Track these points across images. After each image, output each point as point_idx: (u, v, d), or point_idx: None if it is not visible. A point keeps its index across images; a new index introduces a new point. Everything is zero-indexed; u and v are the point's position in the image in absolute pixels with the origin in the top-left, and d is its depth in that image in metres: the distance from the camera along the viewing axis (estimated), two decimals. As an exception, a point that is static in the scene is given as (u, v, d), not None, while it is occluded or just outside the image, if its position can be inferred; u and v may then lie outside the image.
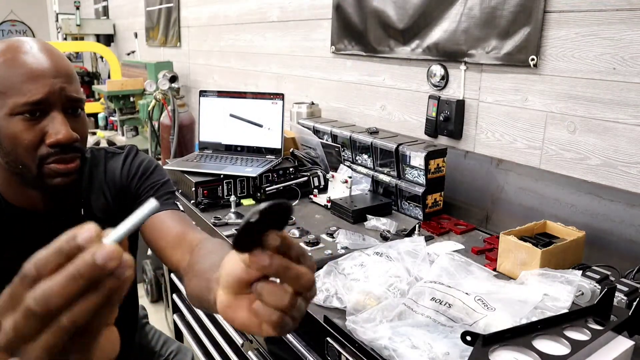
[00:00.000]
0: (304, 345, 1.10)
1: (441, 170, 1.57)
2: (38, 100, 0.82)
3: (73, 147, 0.87)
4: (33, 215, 0.94)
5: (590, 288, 1.04)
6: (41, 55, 0.85)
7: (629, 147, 1.24)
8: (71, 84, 0.87)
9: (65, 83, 0.86)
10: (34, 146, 0.84)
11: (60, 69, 0.85)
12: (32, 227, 0.94)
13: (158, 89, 3.07)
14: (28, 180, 0.89)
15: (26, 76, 0.82)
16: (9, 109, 0.82)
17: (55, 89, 0.84)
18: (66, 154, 0.86)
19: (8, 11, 7.82)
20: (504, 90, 1.52)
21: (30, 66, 0.83)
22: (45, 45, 0.88)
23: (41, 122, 0.84)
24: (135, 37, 4.47)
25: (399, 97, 1.90)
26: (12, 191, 0.93)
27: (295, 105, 2.17)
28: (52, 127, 0.84)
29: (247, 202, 1.69)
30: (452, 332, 0.88)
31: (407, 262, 1.13)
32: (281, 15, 2.53)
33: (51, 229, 0.91)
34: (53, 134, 0.84)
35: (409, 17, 1.77)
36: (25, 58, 0.83)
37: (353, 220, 1.54)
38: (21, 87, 0.82)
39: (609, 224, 1.27)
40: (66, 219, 0.94)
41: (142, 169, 1.07)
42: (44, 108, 0.84)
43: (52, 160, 0.85)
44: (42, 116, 0.84)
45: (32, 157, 0.85)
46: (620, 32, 1.22)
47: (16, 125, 0.83)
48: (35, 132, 0.84)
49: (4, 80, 0.82)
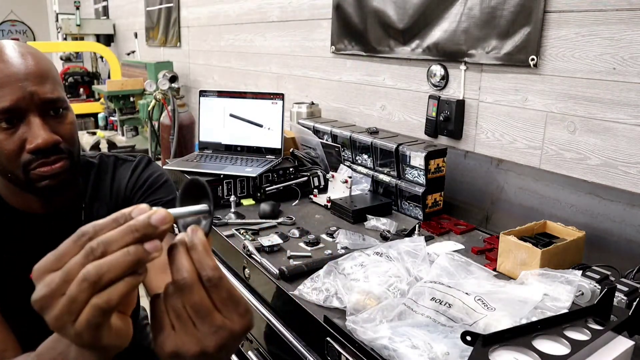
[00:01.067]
0: (304, 345, 1.10)
1: (441, 170, 1.57)
2: (8, 108, 0.79)
3: (56, 149, 0.84)
4: (33, 218, 0.94)
5: (590, 288, 1.04)
6: (8, 60, 0.81)
7: (629, 147, 1.24)
8: (43, 84, 0.82)
9: (37, 85, 0.81)
10: (16, 154, 0.82)
11: (29, 72, 0.81)
12: (32, 229, 0.94)
13: (158, 89, 3.07)
14: (20, 186, 0.88)
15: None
16: None
17: (26, 93, 0.80)
18: (48, 157, 0.83)
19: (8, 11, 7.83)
20: (504, 90, 1.52)
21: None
22: (17, 47, 0.84)
23: (19, 128, 0.82)
24: (135, 37, 4.47)
25: (399, 97, 1.90)
26: (12, 194, 0.93)
27: (295, 105, 2.17)
28: (30, 133, 0.81)
29: (247, 202, 1.69)
30: (452, 332, 0.88)
31: (407, 262, 1.13)
32: (281, 15, 2.53)
33: (51, 231, 0.93)
34: (32, 139, 0.81)
35: (409, 17, 1.77)
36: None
37: (353, 220, 1.54)
38: None
39: (609, 224, 1.27)
40: (66, 222, 0.94)
41: (149, 183, 1.03)
42: (19, 114, 0.81)
43: (36, 166, 0.83)
44: (20, 122, 0.81)
45: (17, 165, 0.83)
46: (620, 32, 1.22)
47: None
48: (14, 141, 0.81)
49: None
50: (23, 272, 0.90)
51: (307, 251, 1.32)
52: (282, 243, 1.34)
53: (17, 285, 0.89)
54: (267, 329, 1.25)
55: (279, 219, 1.54)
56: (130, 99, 3.85)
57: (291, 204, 1.69)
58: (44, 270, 0.43)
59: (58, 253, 0.43)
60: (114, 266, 0.42)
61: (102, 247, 0.42)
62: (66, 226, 0.92)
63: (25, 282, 0.90)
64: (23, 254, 0.90)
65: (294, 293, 1.10)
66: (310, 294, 1.08)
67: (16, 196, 0.93)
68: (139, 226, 0.43)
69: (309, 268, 1.17)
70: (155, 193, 1.03)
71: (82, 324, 0.42)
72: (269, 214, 1.55)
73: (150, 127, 3.18)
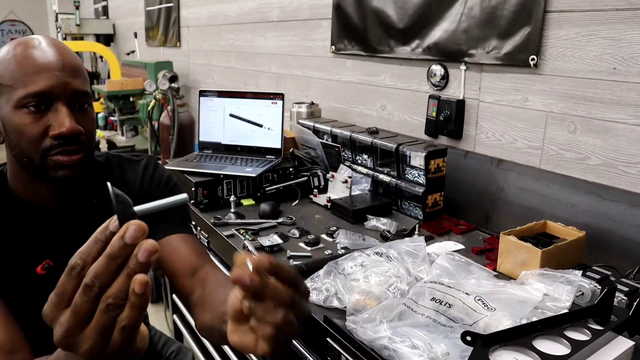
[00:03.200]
0: (304, 345, 1.10)
1: (441, 170, 1.57)
2: (41, 91, 0.84)
3: (77, 140, 0.87)
4: (42, 211, 0.95)
5: (591, 288, 1.04)
6: (48, 50, 0.86)
7: (629, 147, 1.24)
8: (77, 78, 0.88)
9: (70, 77, 0.87)
10: (38, 138, 0.85)
11: (66, 63, 0.87)
12: (40, 222, 0.95)
13: (158, 89, 3.07)
14: (34, 174, 0.89)
15: (32, 69, 0.84)
16: (15, 102, 0.84)
17: (60, 81, 0.85)
18: (69, 146, 0.86)
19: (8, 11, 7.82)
20: (504, 90, 1.52)
21: (36, 59, 0.85)
22: (54, 40, 0.90)
23: (46, 115, 0.85)
24: (135, 37, 4.47)
25: (399, 97, 1.90)
26: (22, 186, 0.94)
27: (295, 105, 2.17)
28: (56, 120, 0.85)
29: (247, 202, 1.69)
30: (452, 332, 0.88)
31: (407, 262, 1.13)
32: (281, 15, 2.53)
33: (59, 224, 0.95)
34: (56, 126, 0.84)
35: (409, 17, 1.77)
36: (33, 52, 0.85)
37: (353, 220, 1.53)
38: (26, 79, 0.84)
39: (609, 224, 1.26)
40: (75, 217, 0.96)
41: (165, 183, 1.08)
42: (49, 100, 0.85)
43: (56, 152, 0.86)
44: (47, 109, 0.85)
45: (36, 150, 0.85)
46: (620, 32, 1.22)
47: (22, 118, 0.84)
48: (39, 125, 0.85)
49: (13, 74, 0.85)
50: (29, 265, 0.93)
51: (307, 251, 1.32)
52: (282, 243, 1.34)
53: (22, 278, 0.91)
54: (267, 329, 1.24)
55: (279, 219, 1.54)
56: (130, 98, 3.84)
57: (291, 204, 1.69)
58: (52, 311, 0.47)
59: (59, 292, 0.47)
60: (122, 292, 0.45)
61: (97, 283, 0.45)
62: (75, 220, 0.95)
63: (31, 275, 0.93)
64: (30, 247, 0.93)
65: (294, 293, 1.10)
66: (310, 294, 1.08)
67: (26, 188, 0.94)
68: (116, 251, 0.45)
69: (309, 268, 1.17)
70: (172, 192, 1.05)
71: (117, 345, 0.46)
72: (269, 214, 1.55)
73: (150, 127, 3.17)
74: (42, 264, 0.93)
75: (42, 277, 0.93)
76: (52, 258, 0.94)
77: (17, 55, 0.85)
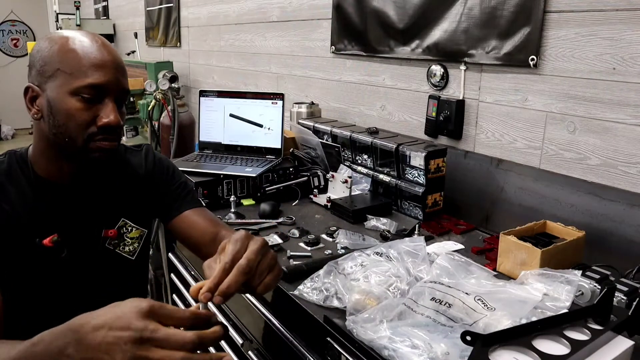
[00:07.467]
0: (304, 345, 1.10)
1: (441, 170, 1.57)
2: (99, 84, 0.95)
3: (116, 130, 1.00)
4: (59, 187, 1.05)
5: (590, 288, 1.04)
6: (106, 49, 0.99)
7: (629, 147, 1.24)
8: (125, 78, 1.02)
9: (122, 77, 1.00)
10: (86, 125, 0.96)
11: (119, 64, 1.00)
12: (56, 197, 1.04)
13: (158, 89, 3.07)
14: (68, 153, 1.00)
15: (94, 63, 0.95)
16: (72, 89, 0.94)
17: (114, 78, 0.97)
18: (110, 135, 0.99)
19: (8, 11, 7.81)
20: (503, 90, 1.52)
21: (97, 56, 0.96)
22: (107, 41, 1.03)
23: (95, 105, 0.97)
24: (135, 37, 4.47)
25: (399, 97, 1.90)
26: (44, 163, 1.03)
27: (295, 105, 2.17)
28: (105, 112, 0.97)
29: (247, 202, 1.69)
30: (452, 332, 0.88)
31: (407, 262, 1.13)
32: (281, 15, 2.53)
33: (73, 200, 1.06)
34: (104, 117, 0.96)
35: (409, 17, 1.77)
36: (95, 48, 0.97)
37: (353, 220, 1.54)
38: (87, 71, 0.94)
39: (609, 224, 1.27)
40: (85, 194, 1.08)
41: (166, 167, 1.23)
42: (101, 93, 0.96)
43: (100, 139, 0.98)
44: (96, 101, 0.96)
45: (82, 134, 0.97)
46: (620, 32, 1.22)
47: (74, 103, 0.95)
48: (89, 113, 0.96)
49: (74, 63, 0.95)
50: (38, 236, 1.01)
51: (307, 251, 1.32)
52: (282, 243, 1.34)
53: (29, 247, 1.00)
54: (267, 329, 1.25)
55: (279, 219, 1.54)
56: (130, 99, 3.84)
57: (291, 204, 1.69)
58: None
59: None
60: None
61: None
62: (86, 199, 1.08)
63: (39, 246, 1.01)
64: (43, 219, 1.02)
65: (294, 293, 1.10)
66: (310, 294, 1.08)
67: (48, 165, 1.03)
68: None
69: (309, 268, 1.17)
70: (175, 176, 1.23)
71: None
72: (269, 214, 1.55)
73: (150, 127, 3.17)
74: (51, 237, 1.02)
75: (48, 250, 1.02)
76: (60, 232, 1.03)
77: (80, 48, 0.96)
